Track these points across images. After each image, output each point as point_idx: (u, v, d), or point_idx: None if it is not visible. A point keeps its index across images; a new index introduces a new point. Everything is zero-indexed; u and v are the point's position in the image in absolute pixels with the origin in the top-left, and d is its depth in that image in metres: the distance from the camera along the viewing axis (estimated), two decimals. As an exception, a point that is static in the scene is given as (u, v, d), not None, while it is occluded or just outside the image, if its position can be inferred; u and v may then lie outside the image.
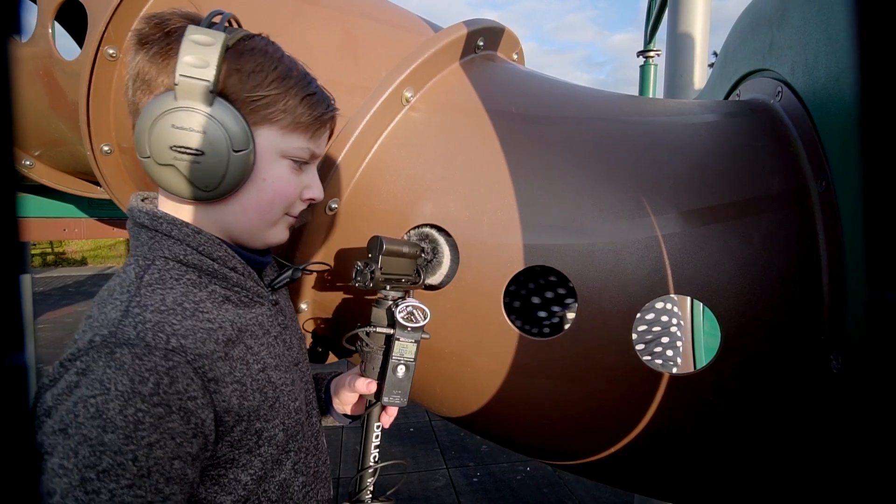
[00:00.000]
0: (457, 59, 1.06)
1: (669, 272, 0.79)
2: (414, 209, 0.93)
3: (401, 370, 0.77)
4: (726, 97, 1.23)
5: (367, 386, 0.79)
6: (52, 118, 1.46)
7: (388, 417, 0.83)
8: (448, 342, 0.92)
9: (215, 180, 0.64)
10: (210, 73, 0.61)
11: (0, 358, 0.16)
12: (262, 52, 0.67)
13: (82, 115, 1.24)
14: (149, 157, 0.63)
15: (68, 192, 1.90)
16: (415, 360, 0.78)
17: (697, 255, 0.80)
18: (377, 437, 0.82)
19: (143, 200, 0.70)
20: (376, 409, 0.81)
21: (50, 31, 1.33)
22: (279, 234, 0.74)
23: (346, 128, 0.92)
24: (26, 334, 3.61)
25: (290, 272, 0.79)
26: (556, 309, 1.28)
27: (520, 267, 0.85)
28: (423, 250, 0.89)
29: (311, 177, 0.74)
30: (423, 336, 0.79)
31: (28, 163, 1.77)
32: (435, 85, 1.01)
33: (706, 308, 1.04)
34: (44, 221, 2.62)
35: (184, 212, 0.68)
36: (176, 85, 0.61)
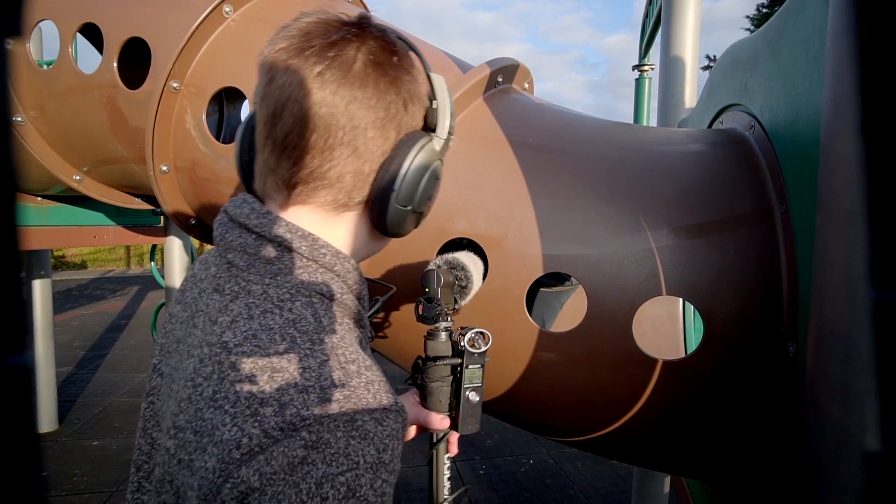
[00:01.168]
0: (481, 94, 1.24)
1: (662, 278, 0.97)
2: (448, 225, 1.10)
3: (473, 397, 0.77)
4: (712, 122, 1.42)
5: (441, 422, 0.78)
6: (111, 140, 1.63)
7: (454, 446, 0.83)
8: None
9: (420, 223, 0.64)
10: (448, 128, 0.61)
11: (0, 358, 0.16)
12: None
13: (148, 138, 1.41)
14: (408, 207, 0.58)
15: (112, 203, 2.06)
16: (482, 383, 0.78)
17: (685, 263, 0.98)
18: (448, 468, 0.82)
19: (252, 210, 0.57)
20: (443, 443, 0.81)
21: (115, 64, 1.49)
22: None
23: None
24: (42, 336, 3.75)
25: (377, 303, 0.80)
26: None
27: (540, 273, 1.03)
28: (457, 278, 0.91)
29: None
30: (486, 360, 0.79)
31: (78, 178, 1.94)
32: (463, 119, 1.19)
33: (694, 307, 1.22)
34: (76, 229, 2.79)
35: (343, 236, 0.60)
36: (442, 139, 0.59)
